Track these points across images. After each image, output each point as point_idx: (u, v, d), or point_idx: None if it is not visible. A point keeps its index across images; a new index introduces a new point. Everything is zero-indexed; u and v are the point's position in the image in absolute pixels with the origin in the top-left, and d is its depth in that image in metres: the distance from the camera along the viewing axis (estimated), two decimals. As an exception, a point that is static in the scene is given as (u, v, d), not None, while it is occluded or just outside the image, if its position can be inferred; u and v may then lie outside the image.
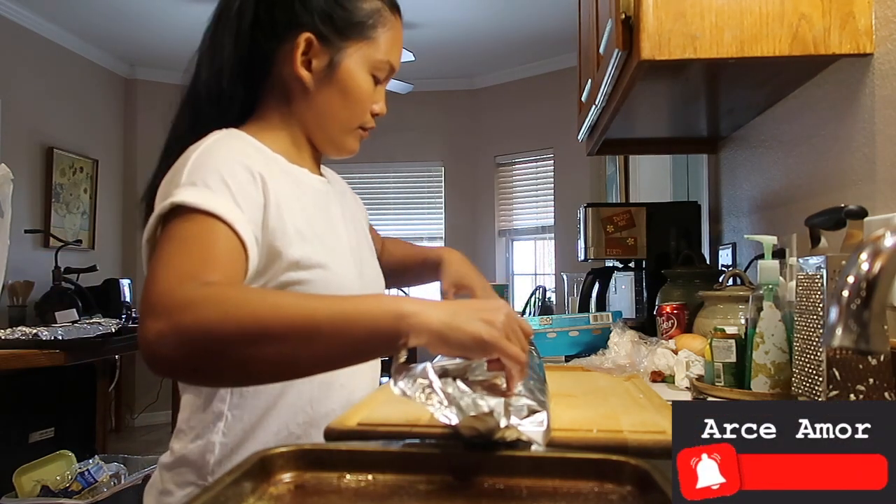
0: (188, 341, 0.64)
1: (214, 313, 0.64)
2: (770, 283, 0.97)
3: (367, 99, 0.93)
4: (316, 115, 0.93)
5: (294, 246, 0.84)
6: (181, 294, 0.66)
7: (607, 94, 1.49)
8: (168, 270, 0.69)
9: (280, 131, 0.94)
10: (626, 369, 1.23)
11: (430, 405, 0.58)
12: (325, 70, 0.90)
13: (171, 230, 0.75)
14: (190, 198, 0.75)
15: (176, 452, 0.89)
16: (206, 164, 0.80)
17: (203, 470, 0.86)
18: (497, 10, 4.17)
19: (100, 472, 2.81)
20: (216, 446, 0.86)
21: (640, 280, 2.08)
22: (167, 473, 0.89)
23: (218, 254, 0.74)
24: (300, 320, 0.64)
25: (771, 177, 1.61)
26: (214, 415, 0.87)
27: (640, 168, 3.49)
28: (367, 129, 0.97)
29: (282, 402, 0.88)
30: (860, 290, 0.46)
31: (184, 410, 0.91)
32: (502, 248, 5.42)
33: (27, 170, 4.12)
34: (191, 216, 0.75)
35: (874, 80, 1.09)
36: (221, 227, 0.75)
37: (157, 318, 0.64)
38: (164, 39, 4.59)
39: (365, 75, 0.92)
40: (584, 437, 0.64)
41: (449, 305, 0.67)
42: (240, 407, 0.87)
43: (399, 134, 5.03)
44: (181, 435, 0.90)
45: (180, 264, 0.71)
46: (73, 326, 3.24)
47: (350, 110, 0.93)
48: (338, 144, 0.96)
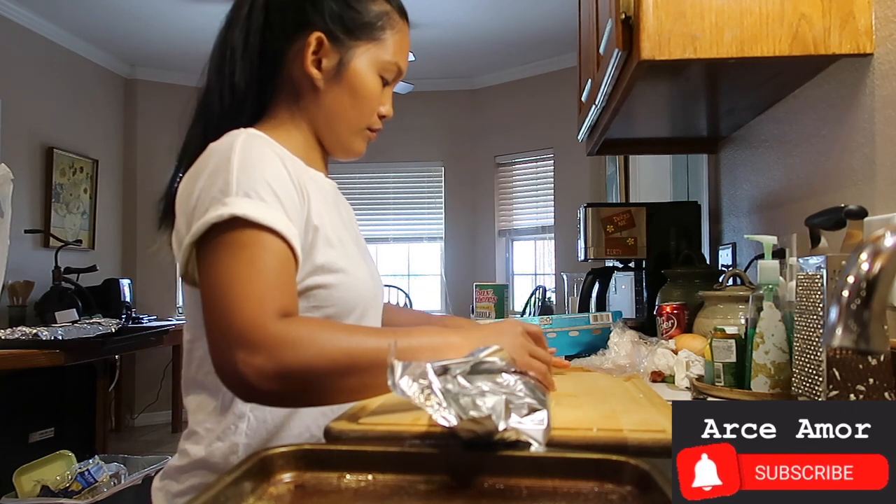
0: (289, 377, 0.70)
1: (312, 351, 0.71)
2: (770, 283, 0.97)
3: (374, 99, 0.95)
4: (325, 115, 0.94)
5: (319, 250, 0.86)
6: (276, 330, 0.71)
7: (607, 94, 1.49)
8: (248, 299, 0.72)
9: (292, 132, 0.94)
10: (626, 369, 1.23)
11: (429, 406, 0.58)
12: (335, 69, 0.92)
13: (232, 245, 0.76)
14: (250, 211, 0.76)
15: (192, 455, 0.87)
16: (253, 172, 0.80)
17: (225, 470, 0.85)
18: (497, 10, 4.17)
19: (100, 472, 2.81)
20: (240, 447, 0.86)
21: (640, 280, 2.08)
22: (183, 476, 0.87)
23: (284, 275, 0.77)
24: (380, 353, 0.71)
25: (771, 177, 1.61)
26: (236, 416, 0.87)
27: (640, 168, 3.49)
28: (374, 131, 0.98)
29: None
30: (860, 290, 0.46)
31: (197, 413, 0.89)
32: (502, 248, 5.42)
33: (27, 170, 4.12)
34: (250, 232, 0.76)
35: (874, 80, 1.09)
36: (280, 244, 0.77)
37: (255, 353, 0.69)
38: (164, 39, 4.59)
39: (373, 76, 0.94)
40: (584, 437, 0.64)
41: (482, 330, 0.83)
42: (262, 408, 0.87)
43: (399, 134, 5.03)
44: (196, 437, 0.88)
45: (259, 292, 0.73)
46: (73, 326, 3.24)
47: (358, 110, 0.94)
48: (346, 145, 0.97)
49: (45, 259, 4.02)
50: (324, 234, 0.87)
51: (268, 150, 0.84)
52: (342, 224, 0.94)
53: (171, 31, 4.46)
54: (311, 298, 0.86)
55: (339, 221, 0.93)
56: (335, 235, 0.89)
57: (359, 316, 0.91)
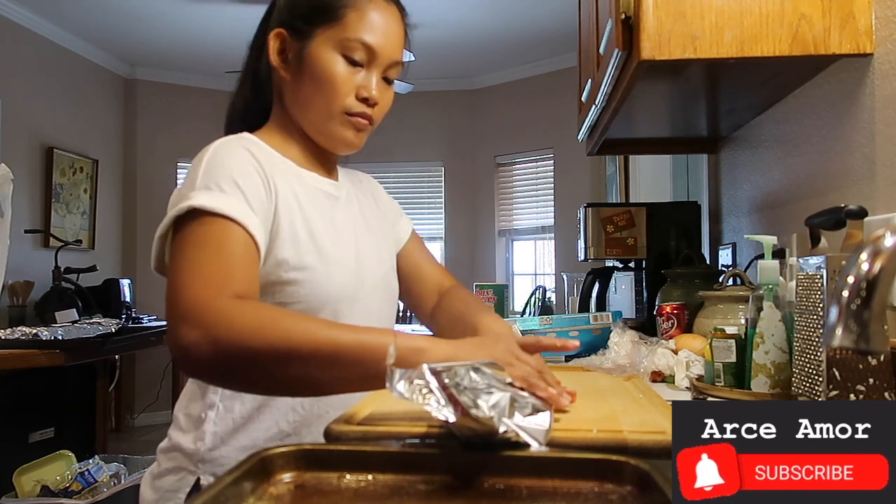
0: (222, 353, 0.70)
1: (249, 331, 0.70)
2: (770, 283, 0.97)
3: (339, 81, 0.91)
4: (299, 108, 0.96)
5: (285, 247, 0.87)
6: (216, 307, 0.72)
7: (607, 94, 1.49)
8: (196, 278, 0.75)
9: (286, 134, 0.98)
10: (626, 369, 1.23)
11: (428, 405, 0.58)
12: (297, 60, 0.93)
13: (190, 234, 0.79)
14: (207, 202, 0.79)
15: (172, 439, 0.93)
16: (219, 168, 0.84)
17: (194, 457, 0.90)
18: (497, 10, 4.17)
19: (100, 472, 2.81)
20: (206, 435, 0.90)
21: (640, 280, 2.08)
22: (162, 456, 0.94)
23: (239, 260, 0.79)
24: (325, 345, 0.70)
25: (771, 177, 1.61)
26: (206, 405, 0.91)
27: (640, 168, 3.49)
28: (354, 115, 0.93)
29: (274, 399, 0.91)
30: (860, 290, 0.46)
31: (182, 398, 0.96)
32: (502, 248, 5.42)
33: (27, 170, 4.12)
34: (208, 219, 0.79)
35: (874, 80, 1.09)
36: (238, 230, 0.80)
37: (192, 327, 0.70)
38: (164, 39, 4.59)
39: (331, 55, 0.91)
40: (584, 437, 0.64)
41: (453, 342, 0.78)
42: (231, 398, 0.90)
43: (399, 134, 5.03)
44: (176, 421, 0.94)
45: (207, 272, 0.76)
46: (73, 326, 3.24)
47: (324, 95, 0.92)
48: (327, 134, 0.96)
49: (45, 259, 4.02)
50: (291, 231, 0.88)
51: (239, 149, 0.88)
52: (330, 226, 0.94)
53: (171, 31, 4.45)
54: (275, 294, 0.88)
55: (324, 222, 0.93)
56: (306, 232, 0.90)
57: (330, 315, 0.90)
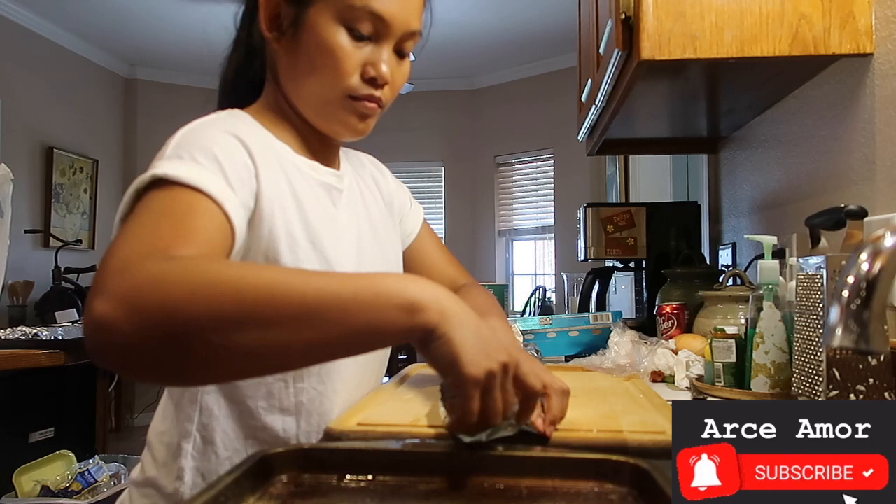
0: (144, 326, 0.50)
1: (180, 291, 0.50)
2: (770, 283, 0.97)
3: (342, 57, 0.76)
4: (295, 87, 0.81)
5: (280, 250, 0.75)
6: (140, 270, 0.52)
7: (607, 94, 1.49)
8: (131, 244, 0.56)
9: (281, 115, 0.84)
10: (626, 369, 1.24)
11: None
12: (292, 28, 0.78)
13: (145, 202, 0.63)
14: (172, 170, 0.63)
15: (146, 471, 0.78)
16: (196, 139, 0.69)
17: (174, 497, 0.75)
18: (497, 10, 4.17)
19: (100, 472, 2.81)
20: (185, 473, 0.74)
21: (640, 280, 2.08)
22: (136, 492, 0.79)
23: (197, 227, 0.61)
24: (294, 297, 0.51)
25: (771, 177, 1.61)
26: (181, 433, 0.75)
27: (640, 168, 3.49)
28: (360, 99, 0.79)
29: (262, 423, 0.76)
30: (860, 290, 0.46)
31: (156, 416, 0.80)
32: (502, 248, 5.42)
33: (27, 170, 4.12)
34: (175, 190, 0.63)
35: (874, 80, 1.09)
36: (208, 203, 0.63)
37: (107, 298, 0.50)
38: (164, 39, 4.59)
39: (333, 27, 0.76)
40: (584, 437, 0.64)
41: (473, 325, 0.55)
42: (207, 427, 0.75)
43: (399, 134, 5.03)
44: (150, 447, 0.79)
45: (148, 237, 0.58)
46: (73, 326, 3.24)
47: (323, 74, 0.77)
48: (327, 118, 0.81)
49: (45, 259, 4.02)
50: (287, 231, 0.75)
51: (217, 127, 0.73)
52: (325, 218, 0.81)
53: (171, 31, 4.45)
54: None
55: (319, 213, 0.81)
56: (304, 235, 0.77)
57: None
